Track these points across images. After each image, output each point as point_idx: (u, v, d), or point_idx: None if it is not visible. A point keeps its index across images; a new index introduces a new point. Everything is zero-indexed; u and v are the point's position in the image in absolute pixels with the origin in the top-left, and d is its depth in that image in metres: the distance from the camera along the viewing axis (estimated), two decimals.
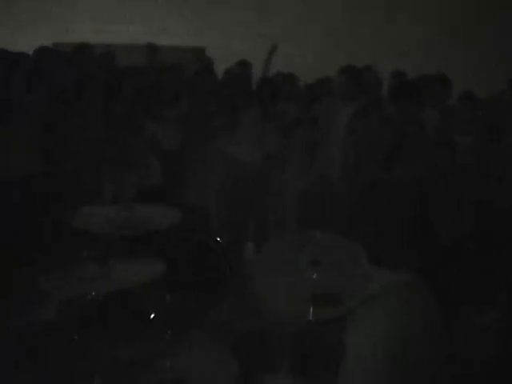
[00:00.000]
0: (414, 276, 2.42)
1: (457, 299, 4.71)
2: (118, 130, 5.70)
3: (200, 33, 9.57)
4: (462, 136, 5.92)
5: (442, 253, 5.04)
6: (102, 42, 8.89)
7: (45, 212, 5.58)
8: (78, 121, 5.76)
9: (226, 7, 9.75)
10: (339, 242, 3.35)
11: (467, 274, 5.35)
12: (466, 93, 6.41)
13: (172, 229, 3.67)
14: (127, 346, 2.90)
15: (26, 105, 5.66)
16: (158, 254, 3.61)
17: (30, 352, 3.23)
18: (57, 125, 5.71)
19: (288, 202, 6.36)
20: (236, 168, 6.03)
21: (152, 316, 3.33)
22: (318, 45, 9.20)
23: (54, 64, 6.57)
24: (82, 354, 2.98)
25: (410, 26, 9.05)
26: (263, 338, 3.33)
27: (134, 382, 2.62)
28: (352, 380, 2.35)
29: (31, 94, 5.79)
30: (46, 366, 3.21)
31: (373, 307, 2.32)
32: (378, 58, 7.04)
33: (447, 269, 4.62)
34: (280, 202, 6.27)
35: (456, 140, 5.83)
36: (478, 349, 4.57)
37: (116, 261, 3.00)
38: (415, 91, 5.91)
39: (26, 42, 7.34)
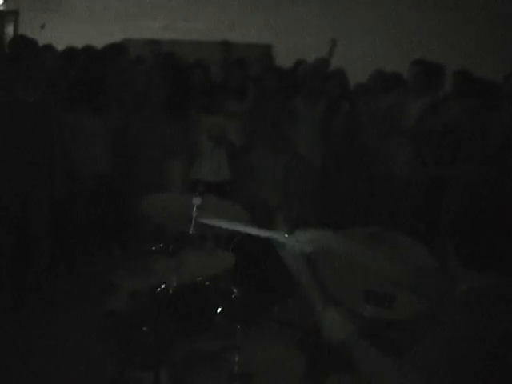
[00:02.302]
0: (503, 280, 2.31)
1: None
2: (186, 124, 5.76)
3: (267, 29, 9.59)
4: None
5: None
6: (172, 38, 9.00)
7: (118, 205, 5.71)
8: (146, 116, 5.85)
9: (293, 4, 9.76)
10: (405, 241, 3.32)
11: None
12: None
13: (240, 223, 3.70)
14: (195, 338, 2.94)
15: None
16: (226, 248, 3.65)
17: (101, 341, 3.31)
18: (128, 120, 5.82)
19: (355, 197, 6.35)
20: (302, 165, 6.02)
21: (219, 310, 3.36)
22: (380, 41, 9.11)
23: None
24: (150, 345, 3.04)
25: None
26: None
27: (202, 374, 2.65)
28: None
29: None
30: (115, 356, 3.28)
31: (454, 311, 2.24)
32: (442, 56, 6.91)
33: None
34: (347, 198, 6.26)
35: None
36: None
37: (186, 254, 3.04)
38: (483, 90, 5.81)
39: (97, 39, 7.47)
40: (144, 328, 3.11)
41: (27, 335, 4.67)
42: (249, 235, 3.76)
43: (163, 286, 3.05)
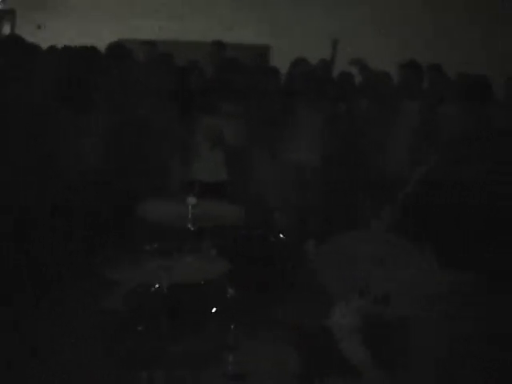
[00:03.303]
0: (480, 277, 2.36)
1: None
2: (183, 125, 5.76)
3: (265, 31, 9.58)
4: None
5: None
6: (167, 38, 8.99)
7: (114, 204, 5.70)
8: (142, 117, 5.85)
9: (292, 5, 9.75)
10: (404, 242, 3.33)
11: None
12: None
13: (236, 225, 3.71)
14: (190, 338, 2.94)
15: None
16: (222, 249, 3.66)
17: (96, 340, 3.31)
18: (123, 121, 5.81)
19: (349, 199, 6.34)
20: (297, 167, 6.03)
21: (214, 310, 3.36)
22: (380, 44, 9.11)
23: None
24: (145, 345, 3.03)
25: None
26: (324, 335, 3.33)
27: (197, 374, 2.65)
28: (410, 380, 2.32)
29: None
30: (110, 354, 3.28)
31: (436, 307, 2.28)
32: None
33: None
34: (341, 200, 6.25)
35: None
36: None
37: (181, 255, 3.03)
38: (483, 92, 5.81)
39: (92, 39, 7.46)
40: (139, 327, 3.12)
41: (19, 333, 4.66)
42: (245, 235, 3.79)
43: (157, 286, 3.06)
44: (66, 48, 6.20)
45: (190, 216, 3.33)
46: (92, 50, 6.21)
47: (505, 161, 5.52)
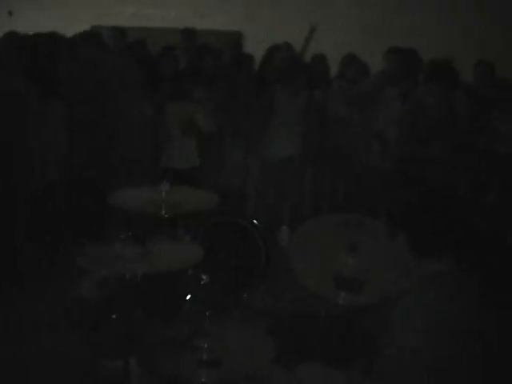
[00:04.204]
0: (456, 264, 2.37)
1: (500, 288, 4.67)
2: (155, 112, 5.73)
3: (237, 17, 9.53)
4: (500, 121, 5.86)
5: (485, 239, 5.00)
6: (140, 25, 8.92)
7: (87, 192, 5.67)
8: (114, 103, 5.82)
9: None
10: (378, 227, 3.34)
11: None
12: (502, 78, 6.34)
13: (209, 211, 3.71)
14: (164, 326, 2.93)
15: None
16: (195, 236, 3.66)
17: (70, 327, 3.29)
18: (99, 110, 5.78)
19: (327, 186, 6.37)
20: (271, 154, 6.04)
21: (188, 297, 3.36)
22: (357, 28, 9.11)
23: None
24: (119, 333, 3.03)
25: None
26: (299, 321, 3.35)
27: (172, 361, 2.64)
28: (389, 370, 2.32)
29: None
30: (84, 343, 3.27)
31: (413, 297, 2.29)
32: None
33: (489, 256, 4.58)
34: (319, 186, 6.28)
35: (494, 125, 5.77)
36: None
37: (154, 243, 3.03)
38: (450, 74, 5.86)
39: (65, 26, 7.39)
40: (113, 315, 3.11)
41: None
42: (218, 222, 3.79)
43: (132, 274, 3.05)
44: (33, 35, 6.14)
45: (163, 203, 3.32)
46: (57, 36, 6.15)
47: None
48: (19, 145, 5.17)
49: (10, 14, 10.33)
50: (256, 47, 7.54)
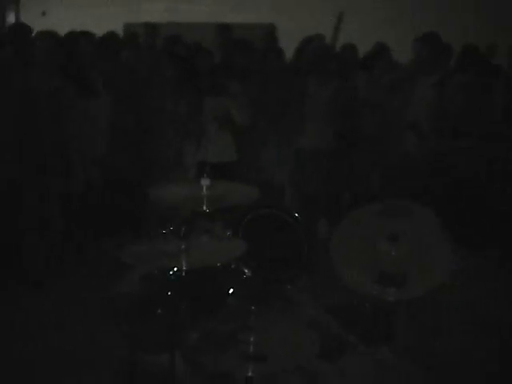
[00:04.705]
0: (499, 256, 2.34)
1: None
2: (191, 107, 5.74)
3: (270, 10, 9.53)
4: None
5: None
6: (174, 20, 8.96)
7: (129, 188, 5.72)
8: (151, 100, 5.85)
9: None
10: (422, 215, 3.29)
11: None
12: None
13: (250, 205, 3.71)
14: (208, 320, 2.94)
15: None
16: (236, 230, 3.66)
17: (115, 324, 3.32)
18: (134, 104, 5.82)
19: (363, 176, 6.32)
20: (307, 146, 6.03)
21: (231, 291, 3.37)
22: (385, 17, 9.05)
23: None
24: (163, 328, 3.04)
25: None
26: (344, 314, 3.34)
27: (216, 356, 2.64)
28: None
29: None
30: (128, 340, 3.29)
31: (453, 291, 2.26)
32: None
33: None
34: (355, 176, 6.24)
35: None
36: None
37: (195, 238, 3.03)
38: (485, 62, 5.79)
39: (98, 23, 7.44)
40: (158, 310, 3.13)
41: (36, 315, 4.69)
42: (259, 216, 3.79)
43: (175, 269, 3.06)
44: (68, 34, 6.19)
45: (203, 198, 3.32)
46: (90, 34, 6.19)
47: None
48: (58, 143, 5.23)
49: (44, 14, 10.44)
50: (287, 39, 7.53)
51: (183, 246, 2.89)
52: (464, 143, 5.50)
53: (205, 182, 3.29)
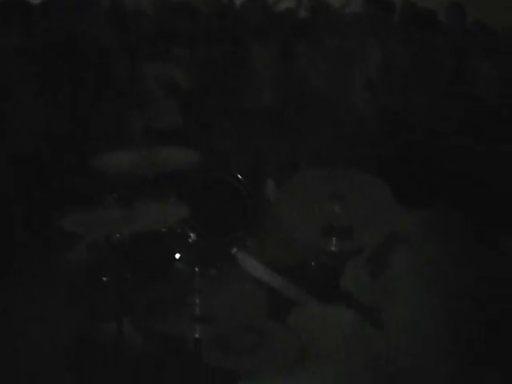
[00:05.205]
0: (440, 208, 2.38)
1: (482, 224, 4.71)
2: (135, 73, 5.68)
3: None
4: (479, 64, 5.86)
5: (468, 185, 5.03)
6: None
7: (70, 156, 5.64)
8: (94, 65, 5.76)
9: None
10: (364, 178, 3.35)
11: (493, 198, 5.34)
12: (477, 22, 6.30)
13: (193, 169, 3.69)
14: (156, 285, 2.94)
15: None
16: (180, 195, 3.64)
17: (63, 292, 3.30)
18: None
19: (311, 138, 6.33)
20: (253, 109, 6.01)
21: (178, 256, 3.37)
22: None
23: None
24: (111, 295, 3.03)
25: None
26: (291, 272, 3.37)
27: (165, 320, 2.66)
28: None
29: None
30: (77, 307, 3.28)
31: (398, 243, 2.30)
32: None
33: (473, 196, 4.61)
34: (303, 139, 6.25)
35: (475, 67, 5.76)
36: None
37: (140, 203, 3.01)
38: (429, 19, 5.82)
39: None
40: (104, 278, 3.12)
41: None
42: (202, 179, 3.78)
43: (119, 236, 3.04)
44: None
45: (147, 164, 3.30)
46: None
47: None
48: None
49: None
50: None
51: (127, 213, 2.87)
52: (415, 101, 5.55)
53: (148, 148, 3.28)
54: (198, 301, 2.65)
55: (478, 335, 2.30)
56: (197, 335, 2.58)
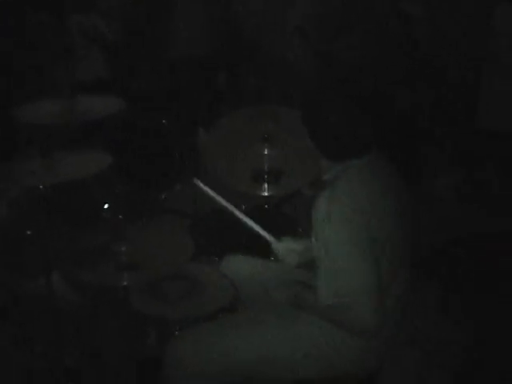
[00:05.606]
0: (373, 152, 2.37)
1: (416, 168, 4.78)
2: (57, 25, 5.53)
3: None
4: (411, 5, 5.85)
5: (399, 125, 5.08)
6: None
7: None
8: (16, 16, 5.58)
9: None
10: (294, 117, 3.32)
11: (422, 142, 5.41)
12: None
13: (117, 118, 3.61)
14: (82, 236, 2.89)
15: None
16: (104, 144, 3.56)
17: None
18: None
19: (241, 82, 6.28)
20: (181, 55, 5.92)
21: (106, 206, 3.31)
22: None
23: None
24: (36, 249, 2.97)
25: None
26: (218, 219, 3.35)
27: (91, 268, 2.61)
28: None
29: None
30: (4, 267, 3.21)
31: (332, 186, 2.27)
32: None
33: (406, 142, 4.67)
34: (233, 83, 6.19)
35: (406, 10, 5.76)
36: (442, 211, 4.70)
37: (60, 153, 2.93)
38: None
39: None
40: (28, 232, 3.05)
41: None
42: (126, 127, 3.70)
43: (41, 187, 2.96)
44: None
45: (70, 114, 3.21)
46: None
47: None
48: None
49: None
50: None
51: (47, 164, 2.79)
52: (347, 41, 5.53)
53: (71, 98, 3.19)
54: (124, 249, 2.60)
55: None
56: (124, 283, 2.55)
